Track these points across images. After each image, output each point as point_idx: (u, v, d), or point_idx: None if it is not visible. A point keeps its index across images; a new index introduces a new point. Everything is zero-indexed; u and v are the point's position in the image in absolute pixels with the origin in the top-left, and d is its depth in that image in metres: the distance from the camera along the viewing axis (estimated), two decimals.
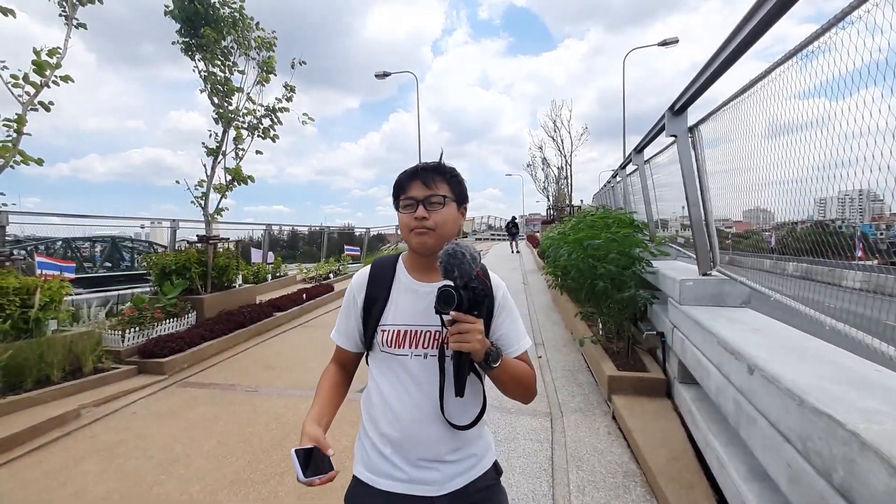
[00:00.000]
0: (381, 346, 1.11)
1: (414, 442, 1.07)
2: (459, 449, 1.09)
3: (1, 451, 2.91)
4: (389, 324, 1.11)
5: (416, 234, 1.09)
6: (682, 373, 2.98)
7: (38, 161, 4.57)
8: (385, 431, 1.08)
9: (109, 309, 5.72)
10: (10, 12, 4.54)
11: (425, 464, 1.06)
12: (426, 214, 1.07)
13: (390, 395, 1.09)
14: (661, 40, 17.16)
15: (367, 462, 1.10)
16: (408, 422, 1.07)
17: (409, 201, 1.10)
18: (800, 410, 1.28)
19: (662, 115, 3.33)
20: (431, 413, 1.07)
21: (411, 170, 1.13)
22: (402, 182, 1.12)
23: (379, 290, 1.14)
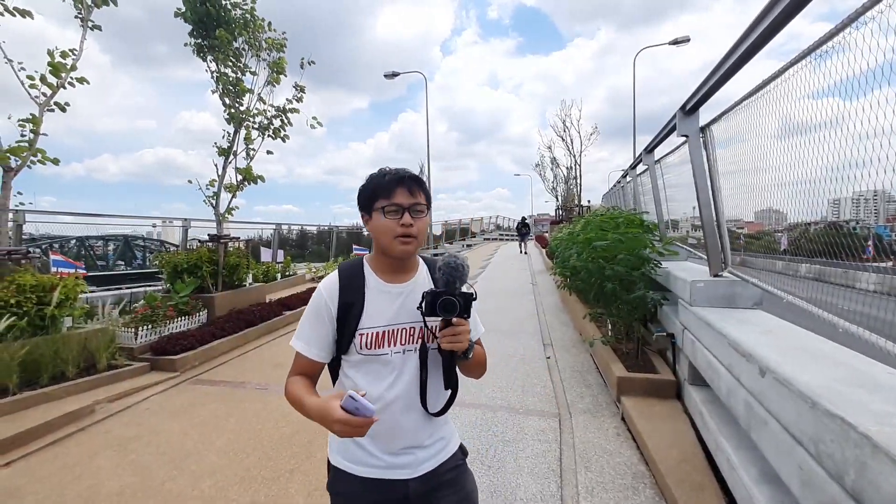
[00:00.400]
0: (358, 349, 1.13)
1: (396, 431, 1.13)
2: (432, 434, 1.19)
3: (17, 445, 2.98)
4: (368, 327, 1.14)
5: (400, 241, 1.11)
6: (692, 374, 2.96)
7: (54, 161, 4.66)
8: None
9: (123, 307, 5.81)
10: (28, 14, 4.64)
11: (403, 451, 1.14)
12: (412, 222, 1.11)
13: (371, 390, 1.11)
14: (673, 39, 17.03)
15: (345, 453, 1.16)
16: (393, 412, 1.12)
17: (394, 207, 1.11)
18: (812, 413, 1.27)
19: (674, 114, 3.31)
20: (412, 403, 1.15)
21: (395, 176, 1.13)
22: (386, 187, 1.12)
23: (353, 296, 1.15)
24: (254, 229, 11.97)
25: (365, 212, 1.18)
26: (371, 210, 1.15)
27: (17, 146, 4.32)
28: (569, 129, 20.95)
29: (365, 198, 1.16)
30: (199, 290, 6.09)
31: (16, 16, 4.55)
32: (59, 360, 3.85)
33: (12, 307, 3.80)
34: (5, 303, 3.78)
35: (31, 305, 3.92)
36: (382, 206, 1.11)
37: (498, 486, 2.46)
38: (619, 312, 3.89)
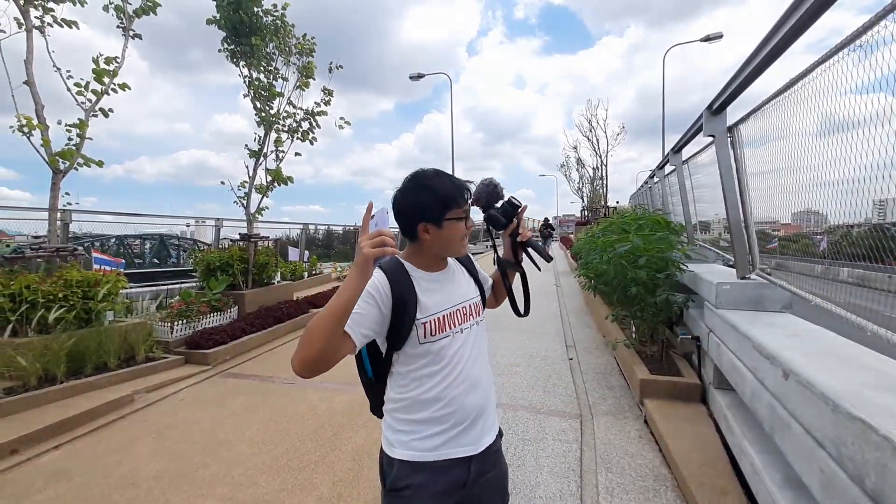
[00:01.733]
0: (420, 339, 1.17)
1: (468, 407, 1.19)
2: (487, 410, 1.26)
3: (66, 430, 3.18)
4: (428, 315, 1.18)
5: (464, 243, 1.25)
6: (717, 378, 2.91)
7: (98, 163, 4.93)
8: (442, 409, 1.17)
9: (160, 302, 6.08)
10: (74, 24, 4.92)
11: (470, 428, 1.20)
12: (473, 224, 1.27)
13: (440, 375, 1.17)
14: (704, 36, 16.59)
15: (409, 444, 1.17)
16: (463, 391, 1.19)
17: (464, 214, 1.21)
18: (833, 415, 1.25)
19: (700, 114, 3.26)
20: (476, 379, 1.23)
21: (461, 185, 1.21)
22: (457, 197, 1.19)
23: (405, 292, 1.17)
24: (282, 229, 12.27)
25: (432, 223, 1.18)
26: (442, 220, 1.17)
27: (65, 150, 4.58)
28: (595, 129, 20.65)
29: (436, 208, 1.17)
30: (231, 288, 6.31)
31: (63, 26, 4.84)
32: (102, 352, 4.08)
33: (60, 300, 4.05)
34: (54, 296, 4.03)
35: (77, 299, 4.17)
36: (459, 215, 1.20)
37: (518, 483, 2.49)
38: (643, 315, 3.85)
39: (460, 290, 1.29)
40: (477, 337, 1.28)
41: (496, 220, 1.34)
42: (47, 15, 4.66)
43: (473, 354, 1.25)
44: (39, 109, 4.46)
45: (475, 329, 1.28)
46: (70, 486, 2.56)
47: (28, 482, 2.60)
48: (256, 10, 6.34)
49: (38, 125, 4.41)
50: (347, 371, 1.30)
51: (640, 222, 4.30)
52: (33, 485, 2.57)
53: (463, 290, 1.30)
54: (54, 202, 4.58)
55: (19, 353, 3.54)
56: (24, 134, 4.34)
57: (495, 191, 1.32)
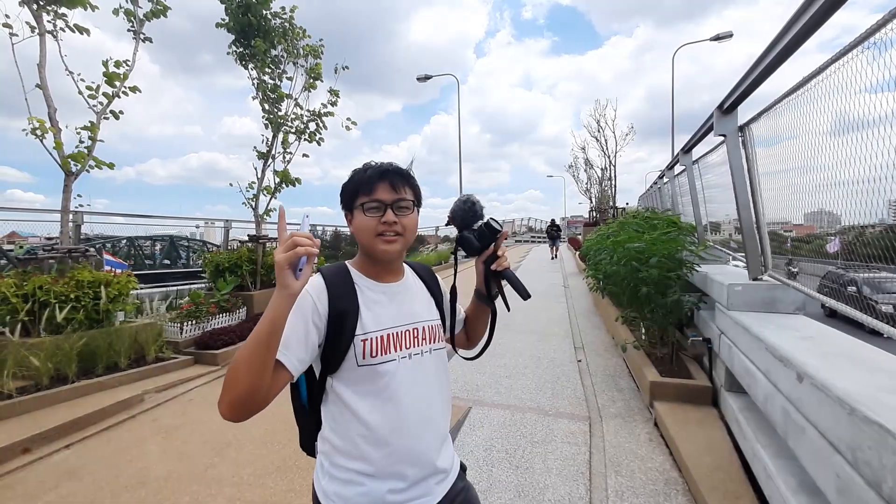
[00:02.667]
0: (359, 360, 0.99)
1: (417, 450, 1.01)
2: (441, 452, 1.07)
3: (76, 429, 3.21)
4: (370, 331, 1.01)
5: (383, 239, 1.02)
6: (729, 381, 2.87)
7: (109, 165, 4.98)
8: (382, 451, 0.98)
9: (169, 303, 6.13)
10: (86, 31, 4.98)
11: (422, 475, 1.02)
12: (396, 219, 1.01)
13: (382, 409, 0.99)
14: (714, 35, 16.45)
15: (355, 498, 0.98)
16: (410, 429, 1.00)
17: (375, 204, 1.01)
18: (850, 419, 1.23)
19: (711, 113, 3.23)
20: (425, 416, 1.04)
21: (377, 170, 1.04)
22: (367, 182, 1.02)
23: (344, 302, 1.01)
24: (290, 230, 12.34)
25: (347, 210, 1.07)
26: (353, 207, 1.05)
27: (77, 152, 4.64)
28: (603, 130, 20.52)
29: (347, 195, 1.06)
30: (239, 288, 6.35)
31: (75, 32, 4.90)
32: (112, 352, 4.12)
33: (72, 301, 4.09)
34: (66, 297, 4.07)
35: (88, 300, 4.21)
36: (363, 202, 1.02)
37: (525, 486, 2.47)
38: (653, 316, 3.81)
39: (414, 309, 1.09)
40: (433, 367, 1.08)
41: (468, 242, 1.15)
42: (59, 20, 4.72)
43: (427, 385, 1.06)
44: (52, 112, 4.52)
45: (429, 357, 1.07)
46: (81, 485, 2.58)
47: (40, 481, 2.62)
48: (265, 12, 6.38)
49: (51, 128, 4.47)
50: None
51: (651, 222, 4.25)
52: (45, 483, 2.59)
53: (417, 308, 1.10)
54: (66, 204, 4.64)
55: (32, 352, 3.58)
56: (37, 137, 4.40)
57: (472, 209, 1.14)
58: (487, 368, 4.35)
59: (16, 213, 6.40)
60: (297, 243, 0.83)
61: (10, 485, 2.59)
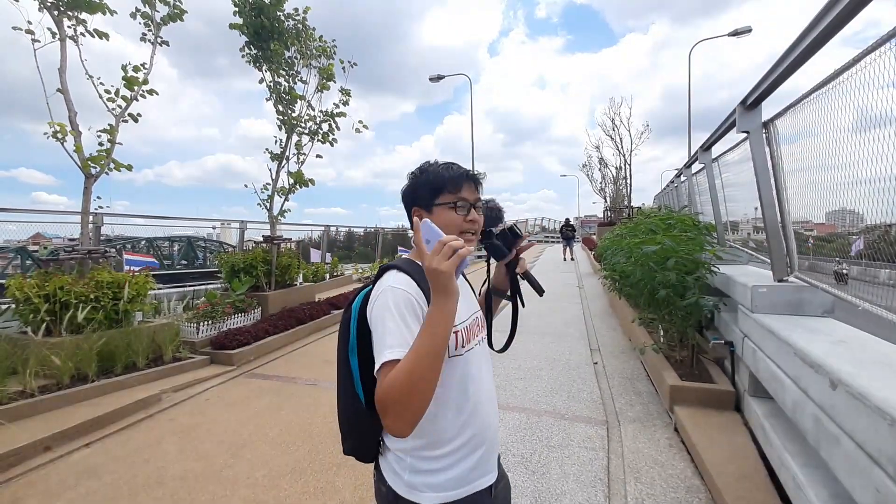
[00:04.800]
0: (451, 352, 1.01)
1: (495, 425, 1.10)
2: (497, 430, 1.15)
3: (96, 428, 3.25)
4: (460, 322, 1.04)
5: (465, 237, 1.06)
6: (753, 385, 2.78)
7: (128, 167, 5.05)
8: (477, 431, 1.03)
9: (186, 303, 6.21)
10: (105, 35, 5.06)
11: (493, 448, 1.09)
12: (478, 218, 1.09)
13: (469, 391, 1.03)
14: (733, 30, 16.10)
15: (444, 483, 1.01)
16: (489, 407, 1.09)
17: (463, 202, 1.06)
18: (891, 431, 1.16)
19: (733, 110, 3.14)
20: (491, 390, 1.14)
21: (461, 171, 1.09)
22: (451, 179, 1.06)
23: None
24: (304, 231, 12.43)
25: (423, 206, 1.07)
26: (432, 205, 1.06)
27: (96, 155, 4.71)
28: (618, 128, 20.26)
29: (427, 192, 1.07)
30: (254, 289, 6.40)
31: (95, 37, 4.98)
32: (130, 352, 4.17)
33: (91, 301, 4.16)
34: (86, 297, 4.14)
35: (107, 300, 4.28)
36: (449, 200, 1.05)
37: (542, 491, 2.42)
38: (672, 318, 3.72)
39: (472, 301, 1.18)
40: (487, 352, 1.18)
41: (498, 251, 1.21)
42: (80, 25, 4.80)
43: (488, 368, 1.15)
44: (72, 116, 4.59)
45: (484, 344, 1.17)
46: (100, 484, 2.61)
47: (61, 479, 2.66)
48: (278, 14, 6.42)
49: (71, 131, 4.54)
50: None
51: (668, 222, 4.16)
52: (66, 482, 2.63)
53: (473, 301, 1.19)
54: (86, 206, 4.71)
55: (53, 352, 3.65)
56: (58, 140, 4.48)
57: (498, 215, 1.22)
58: (501, 370, 4.30)
59: (39, 215, 6.54)
60: (456, 247, 0.85)
61: (33, 482, 2.63)
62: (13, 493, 2.53)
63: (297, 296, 7.03)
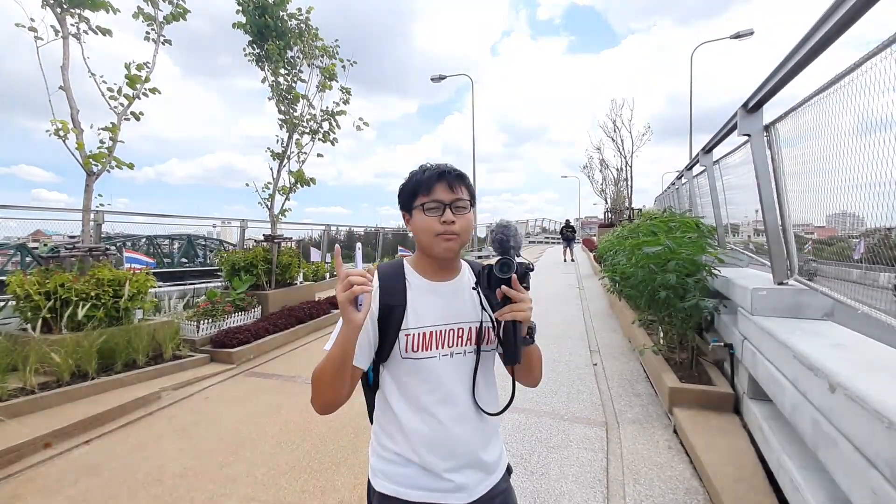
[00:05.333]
0: (403, 353, 1.05)
1: (453, 443, 1.04)
2: (489, 447, 1.10)
3: (96, 425, 3.26)
4: (414, 327, 1.05)
5: (442, 238, 1.04)
6: (752, 388, 2.79)
7: (129, 165, 5.06)
8: (414, 441, 1.04)
9: (186, 301, 6.21)
10: (108, 32, 5.07)
11: (458, 469, 1.04)
12: (454, 219, 1.04)
13: (422, 401, 1.04)
14: (735, 33, 16.12)
15: (394, 476, 1.05)
16: (446, 423, 1.04)
17: (435, 204, 1.04)
18: (888, 434, 1.16)
19: (734, 113, 3.14)
20: (465, 412, 1.06)
21: (435, 171, 1.07)
22: (424, 182, 1.06)
23: (393, 297, 1.07)
24: (305, 230, 12.46)
25: (406, 210, 1.11)
26: (412, 208, 1.08)
27: (98, 152, 4.72)
28: (619, 130, 20.28)
29: (405, 195, 1.09)
30: (255, 287, 6.41)
31: (98, 34, 4.99)
32: (131, 349, 4.18)
33: (92, 299, 4.17)
34: (87, 295, 4.15)
35: (108, 298, 4.28)
36: (422, 202, 1.05)
37: (541, 492, 2.43)
38: (672, 320, 3.73)
39: (462, 309, 1.10)
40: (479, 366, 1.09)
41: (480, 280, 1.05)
42: (82, 23, 4.81)
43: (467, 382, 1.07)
44: (74, 114, 4.60)
45: (472, 357, 1.09)
46: (99, 480, 2.61)
47: (60, 476, 2.66)
48: (281, 13, 6.43)
49: (73, 129, 4.55)
50: None
51: (669, 224, 4.16)
52: (65, 478, 2.63)
53: (467, 310, 1.10)
54: (87, 203, 4.72)
55: (53, 349, 3.65)
56: (60, 138, 4.48)
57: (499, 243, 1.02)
58: (501, 370, 4.30)
59: (40, 212, 6.56)
60: (353, 283, 0.88)
61: (32, 478, 2.64)
62: (13, 489, 2.54)
63: (297, 295, 7.03)
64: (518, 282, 1.00)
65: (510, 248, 1.01)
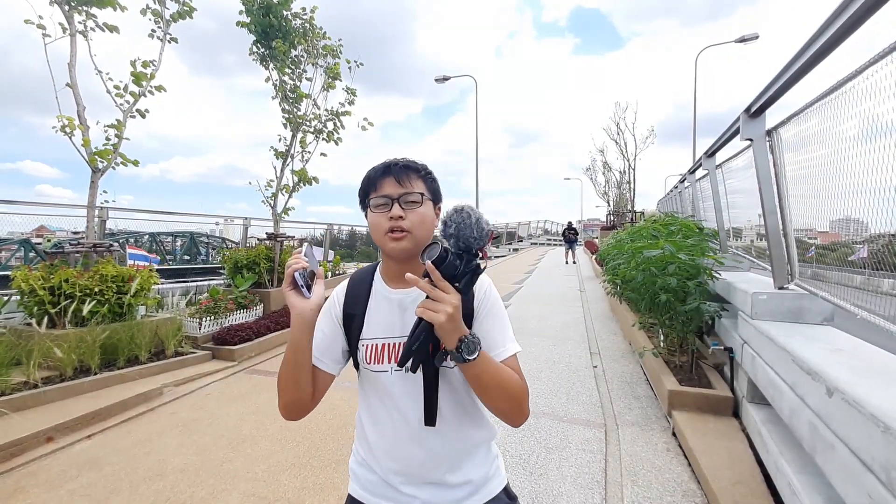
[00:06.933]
0: (363, 363, 1.02)
1: (405, 461, 1.00)
2: (455, 471, 1.01)
3: (98, 420, 3.29)
4: (368, 338, 1.02)
5: (391, 237, 0.96)
6: (751, 391, 2.79)
7: (134, 162, 5.10)
8: (375, 451, 1.03)
9: (189, 298, 6.24)
10: (115, 29, 5.11)
11: (417, 485, 1.00)
12: (402, 214, 0.95)
13: (377, 414, 1.03)
14: (740, 37, 16.10)
15: (362, 481, 1.06)
16: (395, 440, 1.00)
17: (382, 200, 0.97)
18: (885, 438, 1.17)
19: (737, 117, 3.15)
20: (417, 428, 0.98)
21: (382, 165, 1.00)
22: (373, 178, 1.00)
23: (355, 304, 1.05)
24: (307, 229, 12.48)
25: (363, 210, 1.04)
26: (365, 207, 1.02)
27: (103, 149, 4.76)
28: (622, 133, 20.28)
29: (360, 195, 1.03)
30: (257, 285, 6.43)
31: (105, 31, 5.03)
32: (133, 345, 4.21)
33: (96, 294, 4.20)
34: (90, 290, 4.18)
35: (111, 294, 4.31)
36: (371, 199, 0.99)
37: (539, 493, 2.44)
38: (672, 323, 3.73)
39: None
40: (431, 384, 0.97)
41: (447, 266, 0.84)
42: (90, 20, 4.85)
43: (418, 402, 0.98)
44: (81, 111, 4.64)
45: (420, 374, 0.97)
46: (101, 475, 2.64)
47: (62, 470, 2.69)
48: (286, 13, 6.46)
49: (79, 126, 4.59)
50: None
51: (670, 228, 4.17)
52: (67, 472, 2.66)
53: None
54: (92, 200, 4.76)
55: (57, 344, 3.68)
56: (66, 134, 4.52)
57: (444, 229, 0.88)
58: None
59: (45, 208, 6.59)
60: (292, 268, 0.91)
61: (35, 472, 2.66)
62: (16, 482, 2.56)
63: None
64: (435, 270, 0.81)
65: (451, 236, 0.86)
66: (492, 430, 1.08)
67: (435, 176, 1.05)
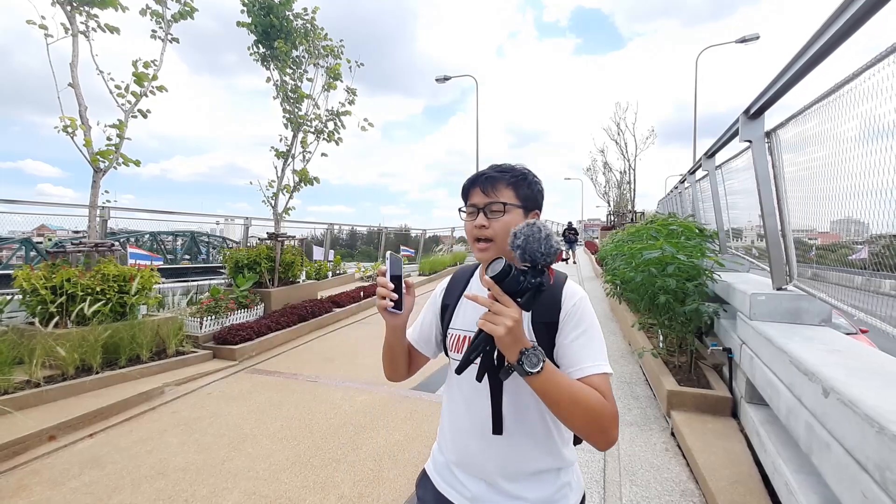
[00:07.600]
0: (449, 350, 1.11)
1: (466, 454, 1.04)
2: (512, 482, 0.99)
3: (100, 419, 3.31)
4: (456, 328, 1.09)
5: (477, 246, 1.03)
6: (749, 392, 2.81)
7: (136, 162, 5.11)
8: (446, 434, 1.11)
9: (190, 298, 6.25)
10: (116, 30, 5.12)
11: (471, 475, 1.04)
12: (485, 223, 1.00)
13: (453, 401, 1.10)
14: (741, 37, 16.09)
15: (435, 460, 1.15)
16: (460, 433, 1.06)
17: (471, 209, 1.05)
18: (879, 438, 1.19)
19: (736, 118, 3.16)
20: (481, 427, 1.00)
21: (474, 175, 1.07)
22: (465, 188, 1.07)
23: (452, 296, 1.14)
24: (308, 228, 12.49)
25: None
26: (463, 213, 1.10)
27: (105, 149, 4.77)
28: (623, 133, 20.29)
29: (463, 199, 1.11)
30: (258, 285, 6.45)
31: (106, 32, 5.04)
32: (135, 344, 4.22)
33: (97, 294, 4.21)
34: (92, 290, 4.19)
35: (113, 293, 4.33)
36: (465, 207, 1.07)
37: None
38: (671, 324, 3.75)
39: None
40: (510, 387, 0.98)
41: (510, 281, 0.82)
42: (91, 20, 4.86)
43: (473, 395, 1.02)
44: (82, 111, 4.65)
45: None
46: (103, 473, 2.65)
47: (64, 468, 2.70)
48: (287, 13, 6.47)
49: (81, 126, 4.61)
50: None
51: (669, 228, 4.18)
52: (69, 471, 2.67)
53: None
54: (94, 199, 4.77)
55: (59, 343, 3.70)
56: (68, 134, 4.54)
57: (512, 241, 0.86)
58: None
59: (46, 208, 6.61)
60: (381, 294, 0.98)
61: (38, 470, 2.68)
62: (18, 480, 2.58)
63: (300, 293, 7.07)
64: (495, 285, 0.82)
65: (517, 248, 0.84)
66: (563, 460, 1.03)
67: (533, 181, 1.05)
